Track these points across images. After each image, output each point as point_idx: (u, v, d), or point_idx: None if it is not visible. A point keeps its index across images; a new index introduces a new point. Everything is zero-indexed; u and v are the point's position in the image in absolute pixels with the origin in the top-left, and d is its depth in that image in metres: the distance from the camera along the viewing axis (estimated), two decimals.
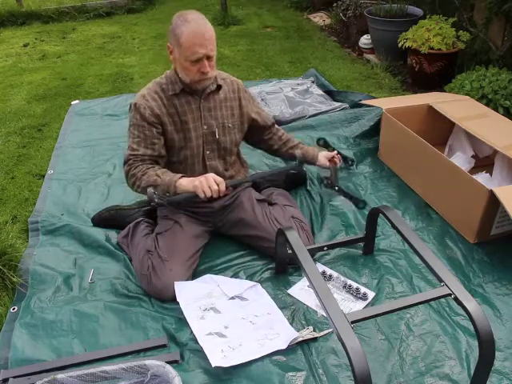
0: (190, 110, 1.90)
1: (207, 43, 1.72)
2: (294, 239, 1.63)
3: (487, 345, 1.32)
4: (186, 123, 1.90)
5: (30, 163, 2.88)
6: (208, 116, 1.93)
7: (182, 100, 1.89)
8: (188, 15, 1.74)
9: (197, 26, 1.71)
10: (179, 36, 1.71)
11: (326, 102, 3.28)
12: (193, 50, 1.71)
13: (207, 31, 1.72)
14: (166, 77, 1.90)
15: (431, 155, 2.23)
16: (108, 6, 6.00)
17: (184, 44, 1.71)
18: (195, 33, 1.70)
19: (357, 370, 1.21)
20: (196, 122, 1.92)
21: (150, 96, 1.87)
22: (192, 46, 1.71)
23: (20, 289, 1.91)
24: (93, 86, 3.98)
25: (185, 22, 1.71)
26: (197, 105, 1.91)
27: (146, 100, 1.86)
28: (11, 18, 5.68)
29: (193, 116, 1.90)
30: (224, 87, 1.97)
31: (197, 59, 1.73)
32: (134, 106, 1.88)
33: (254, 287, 1.88)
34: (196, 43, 1.70)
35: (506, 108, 2.78)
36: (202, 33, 1.70)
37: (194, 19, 1.72)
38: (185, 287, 1.83)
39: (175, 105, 1.88)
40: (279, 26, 5.33)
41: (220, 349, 1.60)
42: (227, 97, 1.98)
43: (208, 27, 1.73)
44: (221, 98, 1.96)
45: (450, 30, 3.48)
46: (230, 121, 1.99)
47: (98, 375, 1.44)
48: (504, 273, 1.93)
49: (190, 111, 1.90)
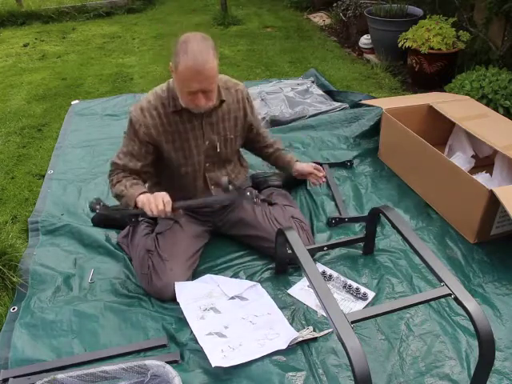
0: (192, 128, 1.83)
1: (203, 79, 1.63)
2: (294, 239, 1.63)
3: (487, 345, 1.32)
4: (186, 141, 1.84)
5: (30, 163, 2.88)
6: (210, 131, 1.87)
7: (184, 117, 1.81)
8: (190, 44, 1.62)
9: (194, 60, 1.59)
10: (177, 65, 1.63)
11: (326, 102, 3.28)
12: (187, 83, 1.64)
13: (205, 67, 1.61)
14: (169, 90, 1.79)
15: (431, 155, 2.23)
16: (108, 6, 6.00)
17: (180, 75, 1.64)
18: (191, 68, 1.60)
19: (357, 370, 1.21)
20: (198, 140, 1.86)
21: (149, 113, 1.78)
22: (187, 80, 1.63)
23: (20, 289, 1.91)
24: (93, 86, 3.98)
25: (184, 53, 1.61)
26: (199, 122, 1.83)
27: (143, 116, 1.78)
28: (11, 18, 5.68)
29: (194, 134, 1.84)
30: (228, 99, 1.88)
31: (191, 92, 1.66)
32: (130, 117, 1.81)
33: (253, 287, 1.88)
34: (191, 78, 1.62)
35: (506, 108, 2.78)
36: (199, 70, 1.60)
37: (193, 52, 1.60)
38: (185, 287, 1.83)
39: (176, 122, 1.81)
40: (279, 26, 5.33)
41: (220, 349, 1.60)
42: (231, 108, 1.90)
43: (208, 63, 1.61)
44: (224, 111, 1.88)
45: (450, 30, 3.48)
46: (232, 132, 1.93)
47: (98, 375, 1.44)
48: (504, 273, 1.93)
49: (191, 129, 1.83)
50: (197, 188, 1.96)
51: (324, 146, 2.84)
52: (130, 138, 1.82)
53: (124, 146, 1.85)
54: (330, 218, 2.22)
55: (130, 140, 1.82)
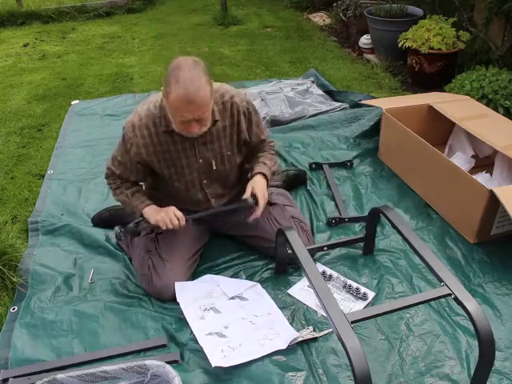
0: (183, 148, 1.79)
1: (196, 109, 1.57)
2: (294, 239, 1.63)
3: (487, 345, 1.32)
4: (178, 159, 1.81)
5: (29, 163, 2.88)
6: (204, 150, 1.82)
7: (175, 138, 1.76)
8: (182, 72, 1.55)
9: (185, 90, 1.52)
10: (168, 93, 1.56)
11: (326, 102, 3.28)
12: (178, 113, 1.59)
13: (197, 97, 1.54)
14: (161, 108, 1.72)
15: (431, 155, 2.23)
16: (108, 6, 5.99)
17: (171, 104, 1.58)
18: (182, 100, 1.54)
19: (357, 370, 1.21)
20: (190, 159, 1.82)
21: (140, 132, 1.74)
22: (178, 110, 1.58)
23: (20, 289, 1.91)
24: (93, 86, 3.98)
25: (175, 82, 1.54)
26: (191, 142, 1.78)
27: (135, 135, 1.74)
28: (11, 18, 5.68)
29: (186, 154, 1.80)
30: (223, 115, 1.80)
31: (183, 121, 1.61)
32: (123, 132, 1.78)
33: (253, 287, 1.88)
34: (182, 108, 1.56)
35: (506, 108, 2.78)
36: (191, 99, 1.53)
37: (185, 80, 1.53)
38: (185, 287, 1.83)
39: (167, 142, 1.76)
40: (279, 26, 5.33)
41: (220, 349, 1.60)
42: (226, 124, 1.82)
43: (199, 92, 1.54)
44: (218, 129, 1.81)
45: (450, 30, 3.48)
46: (229, 148, 1.86)
47: (98, 375, 1.44)
48: (504, 273, 1.93)
49: (182, 149, 1.79)
50: (196, 200, 1.94)
51: (324, 146, 2.84)
52: (123, 152, 1.82)
53: (118, 155, 1.84)
54: (330, 218, 2.22)
55: (123, 154, 1.82)
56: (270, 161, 1.97)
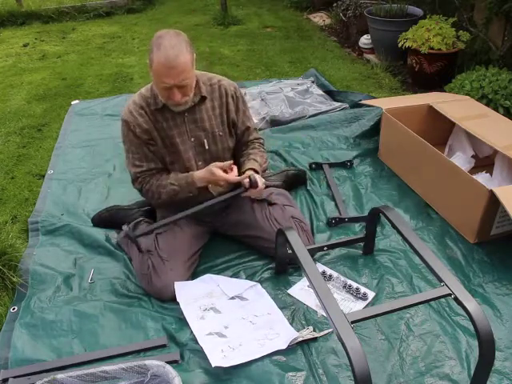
0: (175, 125, 1.86)
1: (176, 74, 1.64)
2: (294, 239, 1.63)
3: (487, 345, 1.32)
4: (172, 137, 1.87)
5: (29, 163, 2.88)
6: (194, 128, 1.89)
7: (166, 115, 1.84)
8: (163, 39, 1.64)
9: (166, 57, 1.61)
10: (151, 61, 1.66)
11: (326, 102, 3.28)
12: (161, 79, 1.66)
13: (177, 62, 1.62)
14: (151, 89, 1.84)
15: (431, 155, 2.23)
16: (108, 6, 5.99)
17: (154, 71, 1.67)
18: (163, 64, 1.62)
19: (357, 370, 1.21)
20: (183, 136, 1.88)
21: (137, 112, 1.83)
22: (160, 76, 1.65)
23: (20, 289, 1.91)
24: (93, 86, 3.98)
25: (157, 49, 1.63)
26: (181, 119, 1.86)
27: (133, 117, 1.83)
28: (11, 18, 5.68)
29: (178, 130, 1.87)
30: (212, 95, 1.89)
31: (165, 88, 1.69)
32: (123, 122, 1.85)
33: (254, 287, 1.88)
34: (164, 74, 1.64)
35: (506, 108, 2.78)
36: (171, 65, 1.62)
37: (166, 47, 1.62)
38: (185, 287, 1.83)
39: (159, 120, 1.84)
40: (279, 26, 5.33)
41: (220, 349, 1.60)
42: (215, 105, 1.91)
43: (179, 58, 1.62)
44: (207, 107, 1.89)
45: (450, 30, 3.48)
46: (220, 129, 1.93)
47: (98, 375, 1.44)
48: (504, 273, 1.93)
49: (174, 126, 1.86)
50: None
51: (324, 146, 2.84)
52: (133, 142, 1.86)
53: (134, 153, 1.87)
54: (330, 218, 2.22)
55: (135, 144, 1.86)
56: (261, 158, 2.00)
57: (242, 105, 2.00)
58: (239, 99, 1.98)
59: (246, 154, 2.01)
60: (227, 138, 1.97)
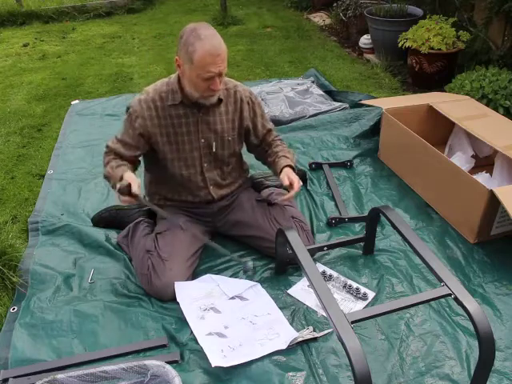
0: (187, 123, 1.85)
1: (221, 61, 1.67)
2: (294, 239, 1.63)
3: (487, 345, 1.32)
4: (180, 135, 1.87)
5: (30, 163, 2.88)
6: (206, 129, 1.88)
7: (180, 111, 1.83)
8: (201, 30, 1.66)
9: (211, 44, 1.64)
10: (192, 53, 1.64)
11: (326, 102, 3.28)
12: (206, 68, 1.66)
13: (221, 50, 1.66)
14: (169, 84, 1.83)
15: (431, 155, 2.23)
16: (108, 6, 5.99)
17: (197, 62, 1.65)
18: (209, 52, 1.64)
19: (357, 370, 1.21)
20: (192, 135, 1.88)
21: (146, 104, 1.82)
22: (206, 65, 1.65)
23: (20, 289, 1.91)
24: (93, 86, 3.98)
25: (198, 40, 1.63)
26: (195, 118, 1.85)
27: (140, 107, 1.82)
28: (11, 18, 5.68)
29: (189, 129, 1.86)
30: (227, 99, 1.90)
31: (209, 77, 1.68)
32: (128, 108, 1.87)
33: (254, 287, 1.88)
34: (210, 62, 1.65)
35: (506, 108, 2.78)
36: (217, 53, 1.65)
37: (207, 36, 1.65)
38: (185, 287, 1.83)
39: (171, 116, 1.83)
40: (279, 26, 5.33)
41: (220, 349, 1.60)
42: (229, 110, 1.91)
43: (222, 45, 1.68)
44: (221, 111, 1.90)
45: (450, 30, 3.48)
46: (230, 134, 1.93)
47: (98, 375, 1.44)
48: (504, 273, 1.93)
49: (186, 124, 1.85)
50: (195, 186, 1.97)
51: (324, 146, 2.84)
52: (126, 127, 1.87)
53: (120, 132, 1.89)
54: (330, 218, 2.22)
55: (126, 129, 1.87)
56: (290, 154, 2.02)
57: (259, 109, 2.00)
58: (255, 104, 1.98)
59: (274, 153, 2.01)
60: (235, 143, 1.98)
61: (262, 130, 2.02)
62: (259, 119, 2.00)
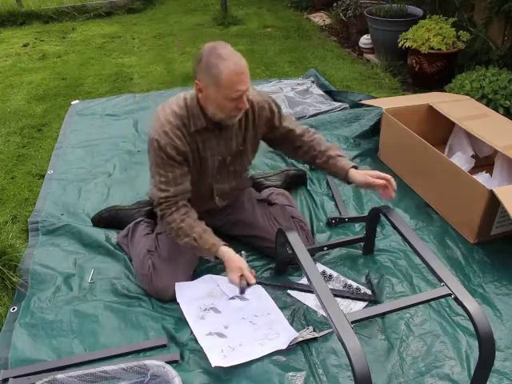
0: (210, 146, 1.79)
1: (246, 79, 1.62)
2: (294, 239, 1.63)
3: (487, 345, 1.32)
4: (205, 159, 1.81)
5: (30, 163, 2.88)
6: (224, 146, 1.82)
7: (204, 136, 1.76)
8: (220, 50, 1.59)
9: (235, 63, 1.58)
10: (217, 75, 1.57)
11: (326, 102, 3.28)
12: (235, 88, 1.59)
13: (244, 66, 1.61)
14: (187, 108, 1.72)
15: (431, 155, 2.23)
16: (108, 6, 5.99)
17: (224, 83, 1.57)
18: (235, 71, 1.57)
19: (357, 370, 1.21)
20: (214, 156, 1.82)
21: (174, 133, 1.69)
22: (233, 85, 1.58)
23: (20, 289, 1.91)
24: (93, 86, 3.98)
25: (221, 60, 1.57)
26: (216, 140, 1.79)
27: (170, 138, 1.69)
28: (11, 18, 5.67)
29: (212, 151, 1.80)
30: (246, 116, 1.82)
31: (237, 96, 1.62)
32: (156, 143, 1.69)
33: (254, 287, 1.87)
34: (237, 81, 1.58)
35: (506, 108, 2.77)
36: (242, 70, 1.59)
37: (229, 56, 1.59)
38: (185, 287, 1.83)
39: (196, 141, 1.75)
40: (279, 26, 5.33)
41: (220, 349, 1.60)
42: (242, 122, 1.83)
43: (244, 61, 1.62)
44: (236, 127, 1.82)
45: (450, 30, 3.48)
46: (240, 143, 1.87)
47: (98, 375, 1.44)
48: (504, 273, 1.93)
49: (209, 147, 1.78)
50: (201, 196, 1.92)
51: None
52: (165, 163, 1.71)
53: (161, 176, 1.73)
54: (330, 218, 2.22)
55: (166, 166, 1.72)
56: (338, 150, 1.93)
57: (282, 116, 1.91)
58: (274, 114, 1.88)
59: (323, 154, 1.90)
60: (248, 154, 1.92)
61: (300, 132, 1.93)
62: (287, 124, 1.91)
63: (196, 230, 1.73)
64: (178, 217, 1.73)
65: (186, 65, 4.32)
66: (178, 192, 1.74)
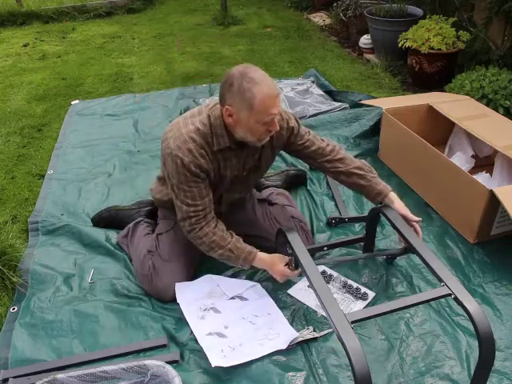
0: (231, 165, 1.78)
1: (279, 102, 1.63)
2: (294, 239, 1.63)
3: (487, 345, 1.32)
4: (224, 177, 1.80)
5: (30, 163, 2.88)
6: (241, 164, 1.82)
7: (226, 155, 1.74)
8: (252, 74, 1.57)
9: (268, 87, 1.58)
10: (251, 100, 1.55)
11: (326, 102, 3.28)
12: (268, 112, 1.59)
13: (276, 89, 1.61)
14: (211, 126, 1.69)
15: (431, 155, 2.23)
16: (108, 6, 5.99)
17: (258, 107, 1.57)
18: (269, 95, 1.57)
19: (357, 370, 1.21)
20: (232, 174, 1.82)
21: (198, 152, 1.67)
22: (267, 109, 1.58)
23: (20, 289, 1.91)
24: (93, 86, 3.98)
25: (255, 84, 1.55)
26: (237, 159, 1.78)
27: (194, 157, 1.66)
28: (11, 18, 5.67)
29: (231, 170, 1.80)
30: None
31: (270, 120, 1.61)
32: (180, 161, 1.66)
33: (253, 287, 1.88)
34: (271, 105, 1.58)
35: (506, 108, 2.78)
36: (274, 94, 1.59)
37: (261, 79, 1.57)
38: (185, 287, 1.83)
39: (218, 160, 1.74)
40: (279, 26, 5.33)
41: (220, 349, 1.60)
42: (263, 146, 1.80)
43: (275, 84, 1.63)
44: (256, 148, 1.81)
45: (450, 30, 3.48)
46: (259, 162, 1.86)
47: (98, 375, 1.44)
48: (504, 273, 1.93)
49: (230, 166, 1.78)
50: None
51: None
52: (190, 180, 1.70)
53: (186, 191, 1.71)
54: (330, 218, 2.22)
55: (190, 182, 1.70)
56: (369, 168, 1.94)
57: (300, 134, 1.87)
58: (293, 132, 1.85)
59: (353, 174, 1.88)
60: (262, 169, 1.92)
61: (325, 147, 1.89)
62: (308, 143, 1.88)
63: (229, 241, 1.76)
64: (209, 230, 1.74)
65: (185, 65, 4.33)
66: (206, 205, 1.74)
